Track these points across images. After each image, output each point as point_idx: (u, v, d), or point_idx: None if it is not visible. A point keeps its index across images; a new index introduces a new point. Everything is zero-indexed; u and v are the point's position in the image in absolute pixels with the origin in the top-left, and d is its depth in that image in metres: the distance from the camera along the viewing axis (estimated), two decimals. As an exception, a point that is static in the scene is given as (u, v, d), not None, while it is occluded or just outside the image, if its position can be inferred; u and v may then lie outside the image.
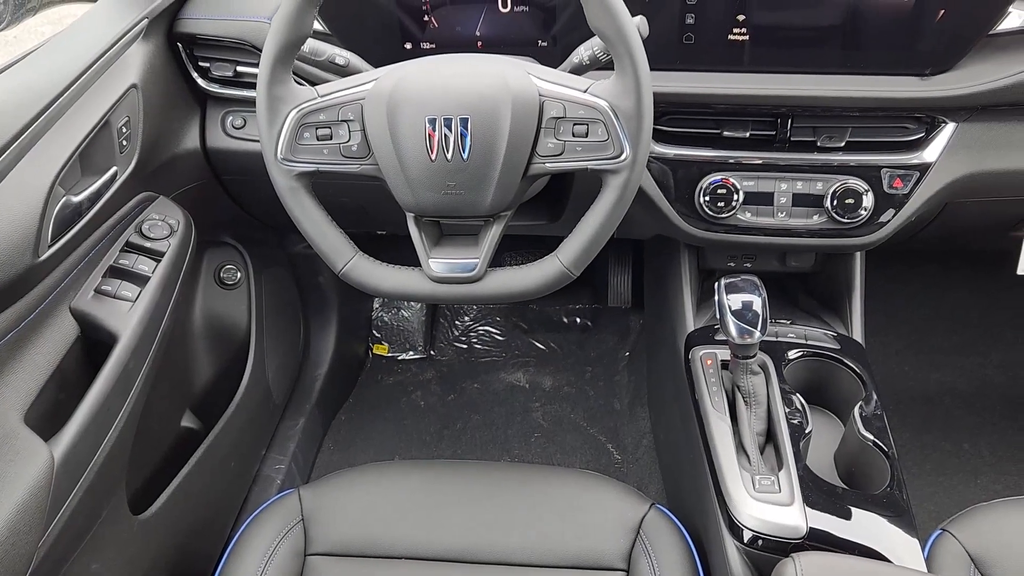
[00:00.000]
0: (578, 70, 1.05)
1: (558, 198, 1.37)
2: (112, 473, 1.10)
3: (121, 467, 1.14)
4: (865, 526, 1.04)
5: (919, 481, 1.79)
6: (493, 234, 1.01)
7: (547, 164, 0.96)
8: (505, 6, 1.19)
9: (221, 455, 1.51)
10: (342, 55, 1.10)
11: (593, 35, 0.97)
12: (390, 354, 2.27)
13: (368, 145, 0.98)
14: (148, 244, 1.17)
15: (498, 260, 1.02)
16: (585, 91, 0.95)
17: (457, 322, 2.31)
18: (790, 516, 1.04)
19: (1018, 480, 1.79)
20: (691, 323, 1.38)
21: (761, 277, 1.17)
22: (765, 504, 1.05)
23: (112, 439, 1.06)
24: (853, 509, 1.05)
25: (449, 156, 0.94)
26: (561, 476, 1.21)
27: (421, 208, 1.00)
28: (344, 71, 1.10)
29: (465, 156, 0.94)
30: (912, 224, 1.27)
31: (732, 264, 1.46)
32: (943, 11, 1.08)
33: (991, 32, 1.10)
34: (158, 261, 1.16)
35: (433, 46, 1.24)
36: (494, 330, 2.28)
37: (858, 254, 1.38)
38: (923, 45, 1.12)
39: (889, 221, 1.23)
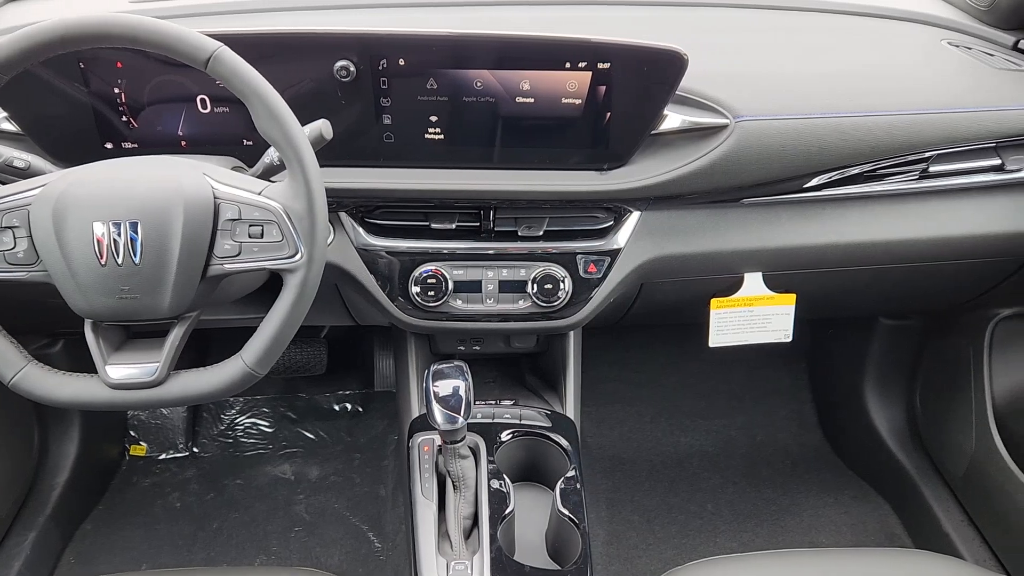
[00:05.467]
0: (270, 170, 1.07)
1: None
2: None
3: None
4: None
5: (664, 544, 1.89)
6: (175, 336, 0.99)
7: (226, 265, 0.97)
8: (205, 107, 1.20)
9: (-86, 585, 1.37)
10: (22, 158, 1.06)
11: None
12: (149, 454, 2.16)
13: (36, 251, 0.95)
14: None
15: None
16: (259, 193, 0.97)
17: (223, 415, 2.24)
18: None
19: (752, 537, 1.92)
20: (415, 409, 1.41)
21: (492, 359, 1.20)
22: (456, 590, 1.08)
23: None
24: None
25: (120, 260, 0.93)
26: None
27: (96, 313, 0.97)
28: (26, 174, 1.06)
29: (137, 260, 0.93)
30: (616, 304, 1.37)
31: (462, 348, 1.51)
32: (609, 114, 1.19)
33: (654, 132, 1.22)
34: None
35: (136, 146, 1.23)
36: (261, 422, 2.23)
37: (572, 334, 1.46)
38: (597, 144, 1.22)
39: (588, 303, 1.31)
